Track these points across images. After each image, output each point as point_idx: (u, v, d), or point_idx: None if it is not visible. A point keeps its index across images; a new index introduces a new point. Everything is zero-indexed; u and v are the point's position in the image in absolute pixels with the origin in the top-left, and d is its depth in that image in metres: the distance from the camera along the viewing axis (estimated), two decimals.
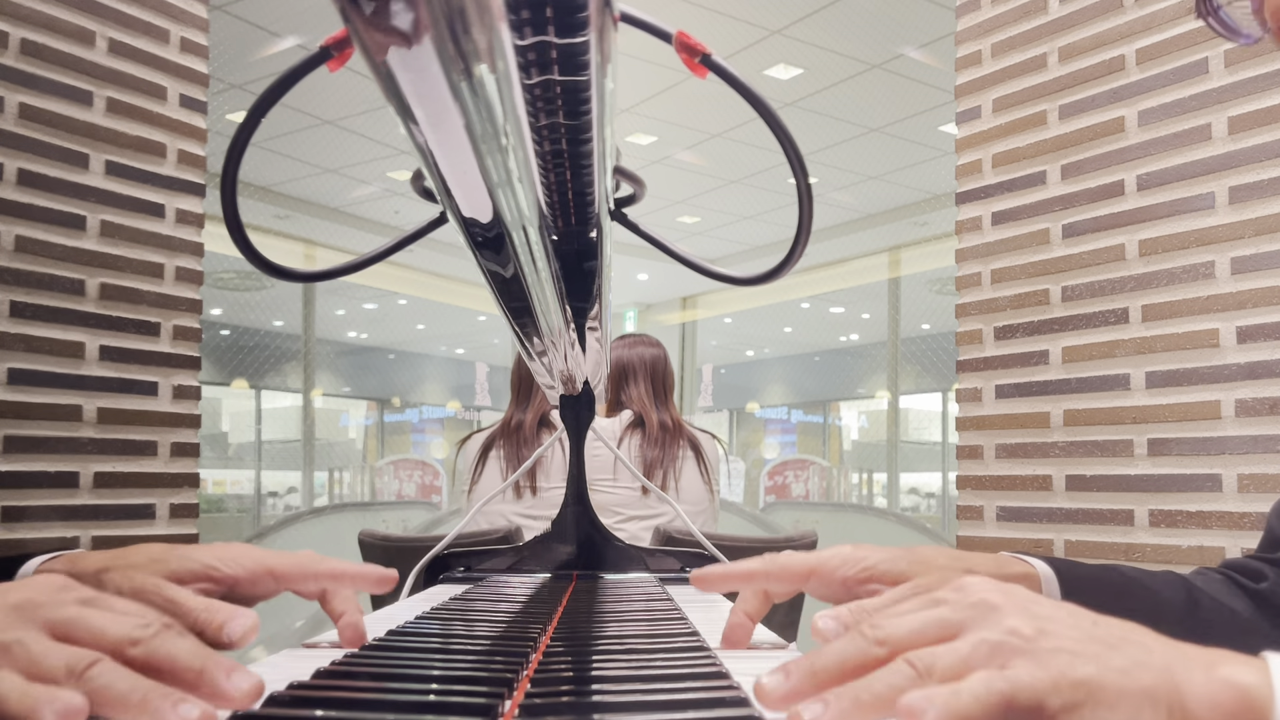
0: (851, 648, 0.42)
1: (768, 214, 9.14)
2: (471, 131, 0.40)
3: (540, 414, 2.27)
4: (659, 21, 0.58)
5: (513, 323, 0.75)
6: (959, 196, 2.56)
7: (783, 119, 0.61)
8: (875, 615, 0.44)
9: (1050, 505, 2.31)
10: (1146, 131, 2.21)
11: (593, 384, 1.08)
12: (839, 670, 0.41)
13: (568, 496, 1.13)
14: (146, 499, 2.30)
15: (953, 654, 0.40)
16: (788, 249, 0.70)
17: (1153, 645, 0.40)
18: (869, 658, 0.42)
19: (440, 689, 0.46)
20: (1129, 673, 0.38)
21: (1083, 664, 0.38)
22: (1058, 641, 0.39)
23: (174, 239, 2.37)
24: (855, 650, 0.42)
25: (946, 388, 12.13)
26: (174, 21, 2.40)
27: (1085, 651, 0.39)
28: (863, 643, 0.42)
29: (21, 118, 2.11)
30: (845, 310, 12.79)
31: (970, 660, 0.39)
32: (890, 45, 5.89)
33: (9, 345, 2.08)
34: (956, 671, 0.39)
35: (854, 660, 0.42)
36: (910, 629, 0.42)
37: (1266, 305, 2.01)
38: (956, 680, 0.38)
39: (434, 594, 1.02)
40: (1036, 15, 2.42)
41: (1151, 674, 0.38)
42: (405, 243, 0.79)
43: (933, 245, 9.14)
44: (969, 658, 0.39)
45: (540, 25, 0.35)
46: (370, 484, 10.78)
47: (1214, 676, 0.38)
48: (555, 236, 0.59)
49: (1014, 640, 0.39)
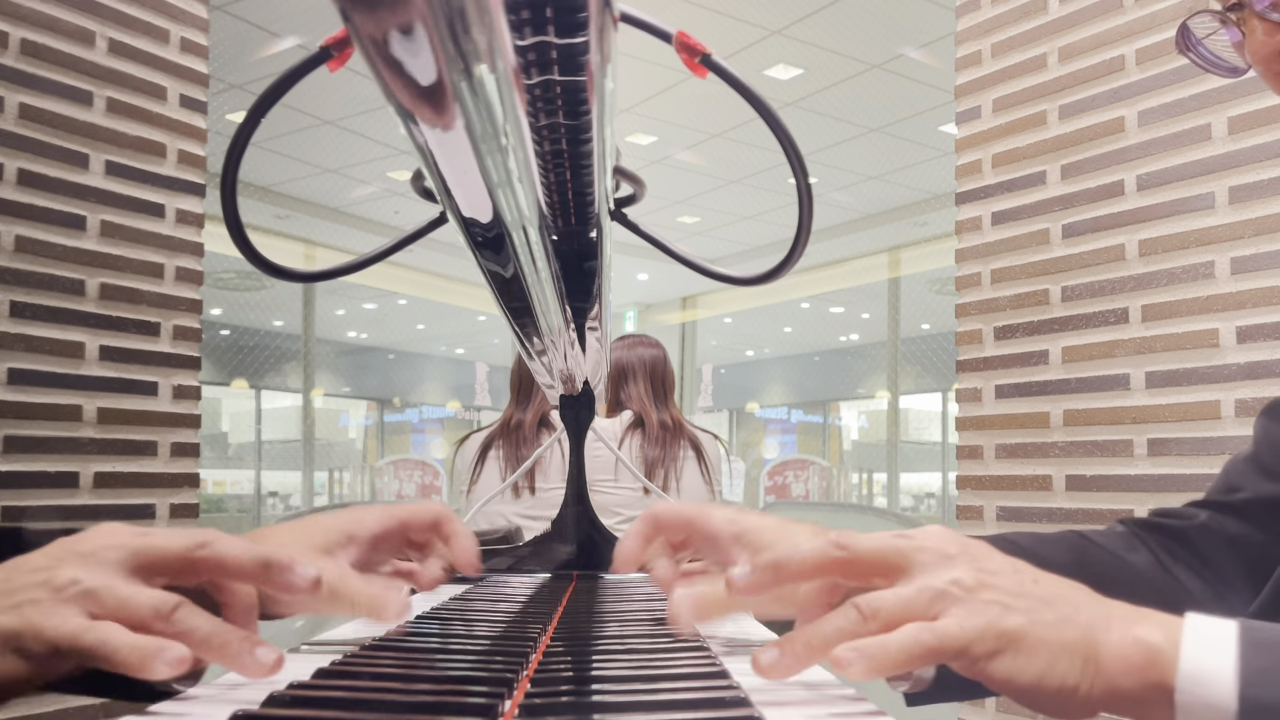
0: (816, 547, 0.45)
1: (768, 214, 9.14)
2: (471, 131, 0.40)
3: (540, 414, 2.27)
4: (659, 21, 0.58)
5: (513, 323, 0.75)
6: (959, 196, 2.56)
7: (783, 119, 0.61)
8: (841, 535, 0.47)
9: (1050, 505, 2.31)
10: (1146, 131, 2.21)
11: (593, 384, 1.08)
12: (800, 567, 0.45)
13: (568, 496, 1.13)
14: (146, 499, 2.30)
15: (897, 599, 0.42)
16: (788, 249, 0.70)
17: (1083, 603, 0.43)
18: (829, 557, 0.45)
19: (440, 689, 0.46)
20: (1054, 627, 0.41)
21: (1013, 616, 0.41)
22: (995, 594, 0.42)
23: (174, 239, 2.37)
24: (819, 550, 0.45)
25: (946, 388, 12.13)
26: (174, 21, 2.40)
27: (1018, 605, 0.42)
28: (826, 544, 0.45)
29: (21, 118, 2.11)
30: (845, 310, 12.79)
31: (913, 605, 0.42)
32: (890, 45, 5.89)
33: (9, 345, 2.08)
34: (900, 616, 0.42)
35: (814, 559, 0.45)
36: (872, 544, 0.45)
37: (1266, 305, 2.01)
38: (899, 623, 0.42)
39: (434, 594, 1.02)
40: (1036, 15, 2.42)
41: (1075, 629, 0.42)
42: (405, 243, 0.79)
43: (932, 245, 9.14)
44: (911, 602, 0.42)
45: (540, 25, 0.35)
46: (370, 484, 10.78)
47: (1128, 634, 0.42)
48: (555, 236, 0.59)
49: (954, 590, 0.42)
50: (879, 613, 0.42)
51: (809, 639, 0.42)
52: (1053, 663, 0.41)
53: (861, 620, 0.42)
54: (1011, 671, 0.41)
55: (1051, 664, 0.41)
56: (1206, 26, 0.75)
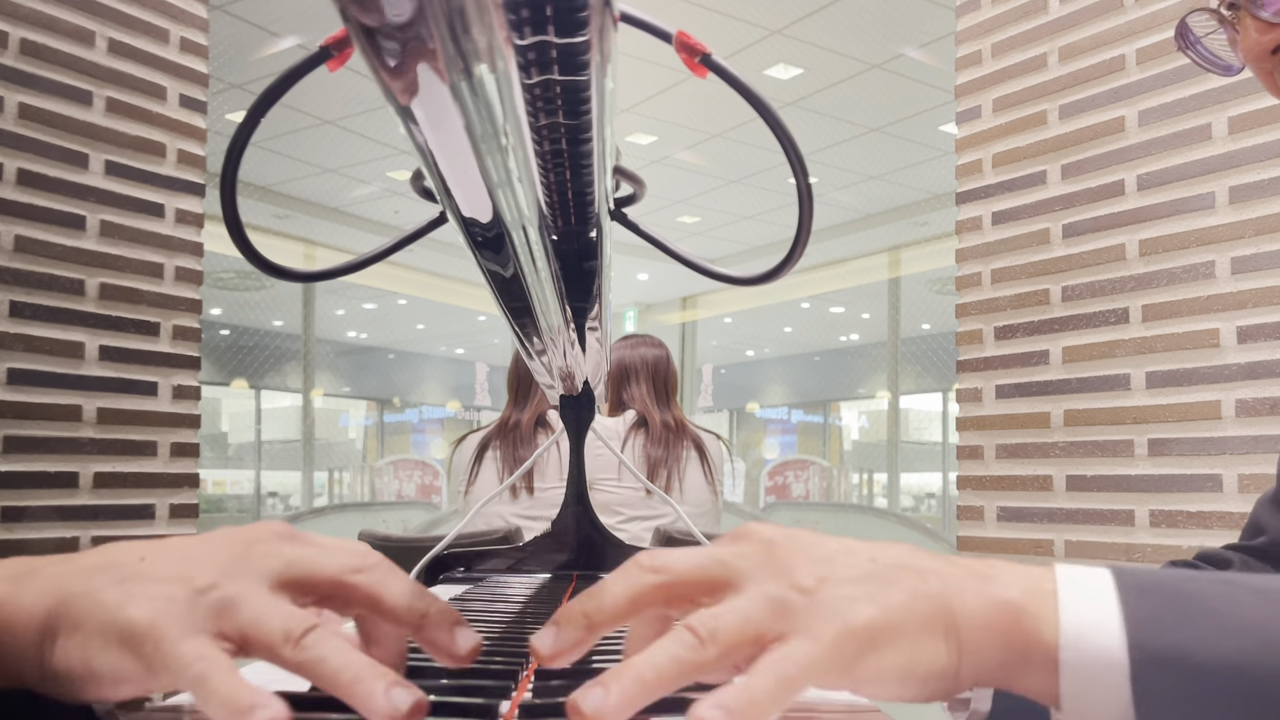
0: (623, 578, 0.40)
1: (768, 214, 9.14)
2: (471, 131, 0.40)
3: (538, 414, 2.27)
4: (659, 21, 0.58)
5: (512, 323, 0.75)
6: (959, 196, 2.56)
7: (783, 119, 0.61)
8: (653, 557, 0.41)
9: (1051, 505, 2.31)
10: (1146, 131, 2.21)
11: (593, 384, 1.08)
12: (613, 607, 0.39)
13: (568, 496, 1.13)
14: (146, 499, 2.30)
15: (734, 614, 0.38)
16: (788, 249, 0.70)
17: (928, 570, 0.39)
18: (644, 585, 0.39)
19: (440, 689, 0.46)
20: (907, 606, 0.38)
21: (862, 608, 0.37)
22: (837, 589, 0.38)
23: (174, 239, 2.37)
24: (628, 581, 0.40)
25: (946, 388, 12.13)
26: (174, 21, 2.40)
27: (862, 594, 0.38)
28: (636, 571, 0.40)
29: (21, 118, 2.11)
30: (845, 310, 12.80)
31: (753, 619, 0.37)
32: (890, 45, 5.89)
33: (9, 345, 2.08)
34: (742, 634, 0.37)
35: (627, 593, 0.39)
36: (691, 562, 0.40)
37: (1266, 305, 2.01)
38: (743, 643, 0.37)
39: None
40: (1036, 15, 2.42)
41: (927, 602, 0.38)
42: (405, 243, 0.79)
43: (933, 245, 9.14)
44: (750, 617, 0.37)
45: (540, 25, 0.35)
46: (370, 484, 10.79)
47: (985, 595, 0.38)
48: (555, 236, 0.59)
49: (794, 596, 0.38)
50: (717, 634, 0.37)
51: (640, 672, 0.36)
52: (915, 649, 0.37)
53: (699, 644, 0.37)
54: (876, 672, 0.37)
55: (915, 651, 0.37)
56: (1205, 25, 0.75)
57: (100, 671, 0.38)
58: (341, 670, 0.37)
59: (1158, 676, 0.36)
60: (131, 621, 0.37)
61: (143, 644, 0.37)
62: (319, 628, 0.38)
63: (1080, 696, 0.37)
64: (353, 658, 0.38)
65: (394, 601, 0.40)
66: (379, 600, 0.40)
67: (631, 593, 0.39)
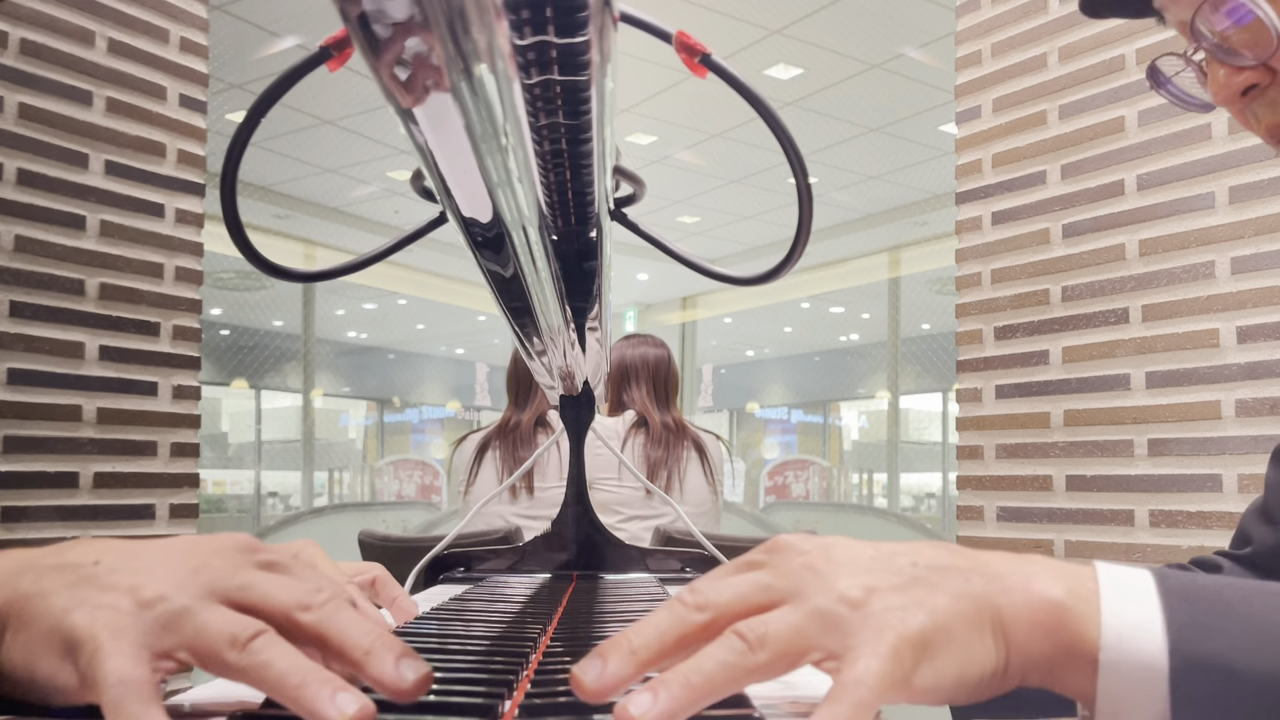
0: (669, 617, 0.39)
1: (768, 214, 9.14)
2: (471, 131, 0.40)
3: (537, 415, 2.27)
4: (659, 21, 0.58)
5: (512, 323, 0.75)
6: (959, 196, 2.56)
7: (783, 119, 0.61)
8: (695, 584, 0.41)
9: (1050, 505, 2.31)
10: (1146, 131, 2.21)
11: (593, 384, 1.08)
12: (660, 645, 0.38)
13: (568, 496, 1.13)
14: (146, 499, 2.30)
15: (785, 624, 0.37)
16: (788, 249, 0.70)
17: (969, 570, 0.39)
18: (690, 625, 0.39)
19: (440, 689, 0.46)
20: (955, 609, 0.37)
21: (912, 617, 0.37)
22: (884, 599, 0.38)
23: (174, 239, 2.37)
24: (674, 619, 0.39)
25: (946, 388, 12.13)
26: (174, 21, 2.40)
27: (911, 602, 0.37)
28: (681, 609, 0.39)
29: (21, 118, 2.11)
30: (845, 310, 12.79)
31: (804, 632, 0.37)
32: (890, 45, 5.89)
33: (9, 345, 2.08)
34: (792, 645, 0.37)
35: (674, 631, 0.38)
36: (734, 593, 0.39)
37: (1266, 305, 2.01)
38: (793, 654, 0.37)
39: (434, 594, 1.02)
40: (1036, 15, 2.42)
41: (974, 602, 0.38)
42: (405, 243, 0.79)
43: (933, 245, 9.14)
44: (802, 629, 0.37)
45: (540, 25, 0.35)
46: (370, 484, 10.78)
47: (1030, 593, 0.38)
48: (555, 236, 0.59)
49: (843, 609, 0.37)
50: (766, 640, 0.37)
51: (688, 678, 0.36)
52: (967, 651, 0.37)
53: (748, 650, 0.37)
54: (934, 680, 0.37)
55: (967, 653, 0.37)
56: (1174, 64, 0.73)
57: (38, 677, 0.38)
58: (288, 674, 0.36)
59: (1197, 683, 0.36)
60: (73, 628, 0.37)
61: (79, 654, 0.37)
62: (267, 633, 0.38)
63: (1117, 698, 0.37)
64: (300, 662, 0.37)
65: (339, 641, 0.39)
66: (324, 639, 0.39)
67: (679, 632, 0.39)
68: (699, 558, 1.16)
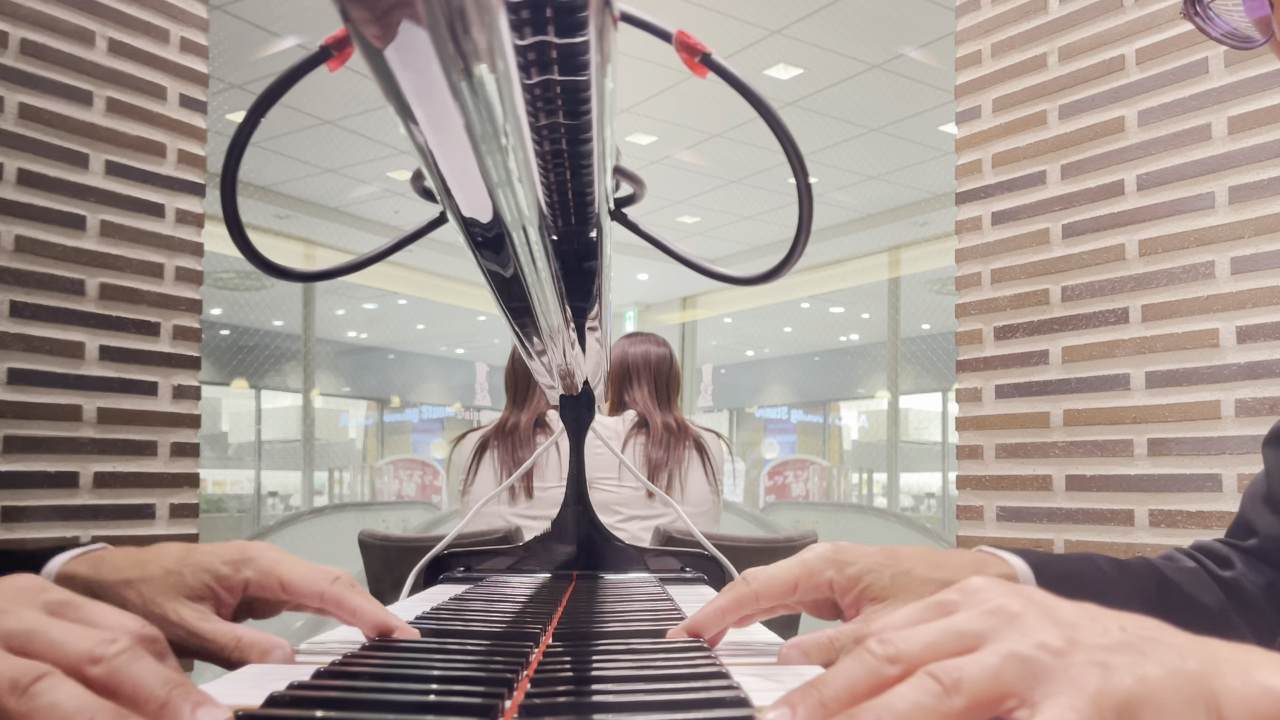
0: (860, 668, 0.38)
1: (768, 214, 9.14)
2: (471, 131, 0.40)
3: (537, 415, 2.27)
4: (659, 21, 0.58)
5: (512, 323, 0.75)
6: (959, 196, 2.56)
7: (783, 119, 0.61)
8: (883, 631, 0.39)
9: (1050, 505, 2.31)
10: (1146, 131, 2.21)
11: (593, 384, 1.08)
12: (850, 696, 0.37)
13: (568, 496, 1.13)
14: (146, 499, 2.30)
15: (981, 668, 0.36)
16: (788, 249, 0.70)
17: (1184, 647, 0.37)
18: (882, 678, 0.37)
19: (440, 689, 0.46)
20: (1165, 682, 0.35)
21: (1119, 678, 0.35)
22: (1089, 654, 0.36)
23: (174, 239, 2.37)
24: (865, 671, 0.38)
25: (946, 388, 12.13)
26: (174, 21, 2.40)
27: (1118, 663, 0.35)
28: (873, 661, 0.38)
29: (21, 118, 2.11)
30: (845, 310, 12.79)
31: (1003, 677, 0.35)
32: (890, 45, 5.89)
33: (9, 345, 2.08)
34: (989, 690, 0.35)
35: (865, 683, 0.37)
36: (925, 642, 0.38)
37: (1266, 305, 2.01)
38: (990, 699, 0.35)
39: (434, 594, 1.02)
40: (1036, 15, 2.42)
41: (1188, 681, 0.36)
42: (405, 243, 0.79)
43: (933, 245, 9.14)
44: (1000, 673, 0.35)
45: (540, 25, 0.35)
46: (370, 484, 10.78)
47: (1250, 682, 0.36)
48: (555, 236, 0.59)
49: (1044, 657, 0.36)
50: (961, 684, 0.35)
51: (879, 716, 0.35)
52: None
53: (943, 693, 0.35)
54: None
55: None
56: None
57: None
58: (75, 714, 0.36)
59: None
60: None
61: None
62: (52, 674, 0.37)
63: None
64: (87, 702, 0.36)
65: (131, 693, 0.38)
66: (116, 693, 0.38)
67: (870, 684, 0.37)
68: (699, 557, 1.16)
